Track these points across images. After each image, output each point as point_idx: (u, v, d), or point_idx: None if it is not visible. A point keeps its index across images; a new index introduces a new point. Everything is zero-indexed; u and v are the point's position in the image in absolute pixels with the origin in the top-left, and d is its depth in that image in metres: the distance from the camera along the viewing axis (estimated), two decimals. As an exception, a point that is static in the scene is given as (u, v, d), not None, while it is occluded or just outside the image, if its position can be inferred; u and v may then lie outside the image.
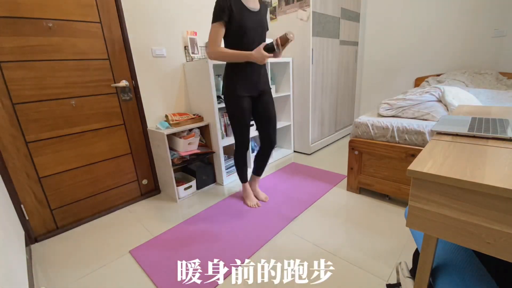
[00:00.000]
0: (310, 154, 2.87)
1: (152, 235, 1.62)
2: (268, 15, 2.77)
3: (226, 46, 1.55)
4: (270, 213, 1.76)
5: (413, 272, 0.96)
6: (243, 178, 1.89)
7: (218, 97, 2.21)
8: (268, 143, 1.78)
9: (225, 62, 1.61)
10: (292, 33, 1.36)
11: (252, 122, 1.79)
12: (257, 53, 1.40)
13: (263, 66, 1.62)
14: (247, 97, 1.62)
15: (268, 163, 1.92)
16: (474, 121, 0.94)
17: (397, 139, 1.66)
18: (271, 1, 2.70)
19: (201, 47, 2.30)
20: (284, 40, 1.37)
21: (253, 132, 2.50)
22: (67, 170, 1.72)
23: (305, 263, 1.30)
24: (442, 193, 0.58)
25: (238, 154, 1.80)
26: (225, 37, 1.52)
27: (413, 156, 1.58)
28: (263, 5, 1.61)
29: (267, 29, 1.67)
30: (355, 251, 1.37)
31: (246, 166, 1.86)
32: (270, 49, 1.39)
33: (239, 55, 1.45)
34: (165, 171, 2.04)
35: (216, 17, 1.43)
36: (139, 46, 1.93)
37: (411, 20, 2.96)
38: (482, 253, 0.61)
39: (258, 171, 1.92)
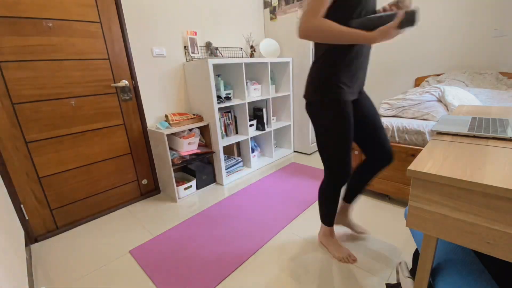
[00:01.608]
0: (310, 154, 2.87)
1: (152, 235, 1.62)
2: (268, 15, 2.77)
3: (333, 18, 0.97)
4: (270, 213, 1.76)
5: (413, 272, 0.96)
6: (330, 219, 1.34)
7: (218, 97, 2.21)
8: (384, 151, 1.22)
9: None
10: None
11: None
12: (381, 33, 0.90)
13: (369, 56, 1.14)
14: (351, 101, 1.13)
15: (268, 163, 1.67)
16: (474, 121, 0.94)
17: (397, 139, 1.66)
18: (271, 1, 2.70)
19: (201, 47, 2.31)
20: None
21: (253, 132, 2.50)
22: (67, 170, 1.72)
23: (305, 263, 1.30)
24: (442, 193, 0.58)
25: (332, 185, 1.23)
26: (333, 13, 0.97)
27: (413, 156, 1.58)
28: None
29: None
30: (355, 251, 1.37)
31: (337, 204, 1.30)
32: (409, 20, 0.86)
33: (353, 34, 0.92)
34: (165, 171, 2.04)
35: None
36: (139, 46, 1.94)
37: (411, 20, 2.95)
38: (482, 253, 0.61)
39: (353, 196, 1.39)
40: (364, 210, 1.74)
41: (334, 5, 0.97)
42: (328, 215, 1.33)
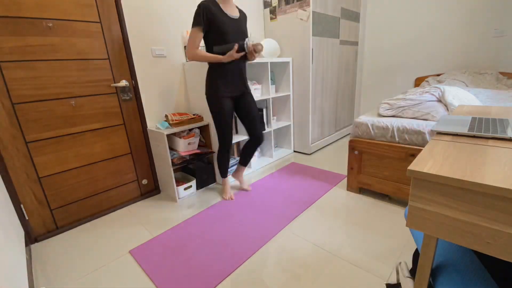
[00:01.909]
0: (310, 154, 2.87)
1: (152, 235, 1.62)
2: (268, 15, 2.77)
3: (208, 48, 1.69)
4: (270, 213, 1.76)
5: (413, 272, 0.96)
6: (224, 173, 2.01)
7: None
8: (256, 140, 1.92)
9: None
10: (261, 45, 1.62)
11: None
12: (227, 57, 1.58)
13: (244, 68, 1.78)
14: (229, 98, 1.75)
15: (268, 163, 1.91)
16: (474, 121, 0.94)
17: (397, 139, 1.66)
18: (271, 1, 2.70)
19: (201, 47, 2.30)
20: (253, 47, 1.61)
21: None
22: (67, 170, 1.72)
23: (305, 263, 1.30)
24: (442, 193, 0.58)
25: (221, 153, 1.91)
26: (207, 41, 1.66)
27: (413, 156, 1.58)
28: (242, 14, 1.76)
29: (247, 36, 1.79)
30: (355, 251, 1.37)
31: (228, 163, 1.99)
32: (241, 48, 1.58)
33: (213, 58, 1.61)
34: (165, 171, 2.04)
35: (195, 22, 1.57)
36: (139, 46, 1.93)
37: (411, 20, 2.96)
38: (482, 253, 0.61)
39: (245, 162, 2.04)
40: (364, 210, 1.74)
41: (209, 39, 1.64)
42: (222, 171, 1.99)
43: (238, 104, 1.85)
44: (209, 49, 1.68)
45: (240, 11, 1.75)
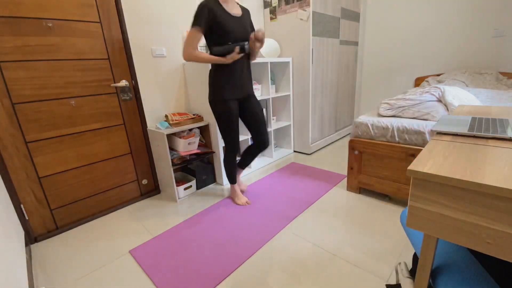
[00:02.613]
0: (310, 154, 2.87)
1: (152, 235, 1.62)
2: (268, 15, 2.77)
3: (210, 45, 1.60)
4: (270, 213, 1.76)
5: (413, 273, 0.96)
6: (233, 179, 1.92)
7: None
8: (261, 144, 1.83)
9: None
10: (261, 31, 1.55)
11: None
12: (227, 59, 1.51)
13: (248, 69, 1.70)
14: (234, 100, 1.67)
15: (268, 163, 1.91)
16: (474, 121, 0.94)
17: (397, 139, 1.66)
18: (271, 1, 2.70)
19: (201, 47, 2.30)
20: (254, 36, 1.56)
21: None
22: (67, 170, 1.72)
23: (305, 263, 1.30)
24: (442, 193, 0.58)
25: (228, 157, 1.82)
26: (210, 41, 1.58)
27: (413, 156, 1.58)
28: (246, 11, 1.68)
29: (253, 31, 1.71)
30: (355, 251, 1.37)
31: (236, 168, 1.90)
32: (241, 50, 1.52)
33: (211, 59, 1.53)
34: (165, 171, 2.04)
35: (195, 22, 1.48)
36: (139, 46, 1.93)
37: (411, 20, 2.96)
38: (481, 254, 0.61)
39: (244, 164, 1.97)
40: (364, 210, 1.74)
41: (212, 39, 1.55)
42: (231, 177, 1.90)
43: (243, 107, 1.76)
44: (211, 50, 1.60)
45: (243, 9, 1.68)
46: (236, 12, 1.61)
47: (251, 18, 1.74)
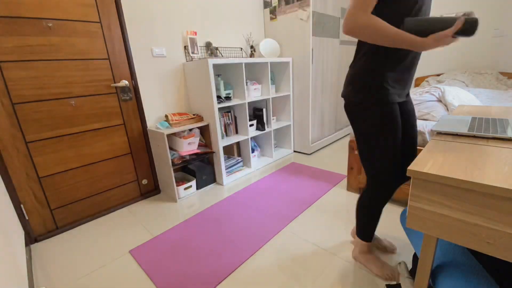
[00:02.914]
0: (310, 154, 2.87)
1: (152, 235, 1.62)
2: (268, 15, 2.77)
3: (386, 19, 0.86)
4: (270, 213, 1.76)
5: (412, 273, 0.96)
6: (369, 233, 1.21)
7: (218, 97, 2.21)
8: (400, 176, 1.07)
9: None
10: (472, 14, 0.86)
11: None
12: (434, 41, 0.80)
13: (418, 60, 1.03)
14: (397, 105, 1.01)
15: (268, 163, 1.76)
16: (474, 121, 0.94)
17: (397, 139, 1.66)
18: (271, 1, 2.70)
19: (201, 47, 2.31)
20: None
21: (253, 132, 2.50)
22: (67, 170, 1.72)
23: (305, 263, 1.30)
24: (442, 193, 0.58)
25: (377, 195, 1.11)
26: (386, 6, 0.88)
27: (413, 156, 1.58)
28: None
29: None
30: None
31: (378, 219, 1.17)
32: (469, 28, 0.77)
33: (407, 40, 0.83)
34: (165, 171, 2.04)
35: None
36: (139, 46, 1.93)
37: (411, 20, 2.96)
38: (482, 254, 0.61)
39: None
40: (364, 210, 1.73)
41: (391, 9, 0.87)
42: (369, 229, 1.19)
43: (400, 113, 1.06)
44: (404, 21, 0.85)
45: None
46: None
47: None
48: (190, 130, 2.11)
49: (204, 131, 2.24)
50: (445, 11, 2.72)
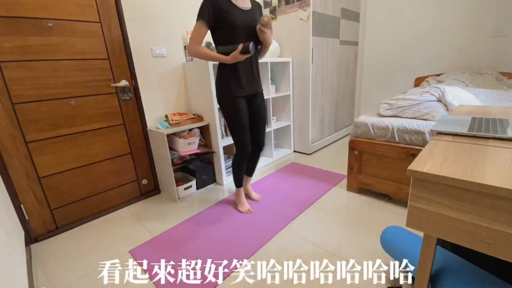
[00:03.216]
0: (310, 154, 2.86)
1: (152, 235, 1.62)
2: (268, 15, 2.77)
3: (217, 43, 1.52)
4: (270, 213, 1.76)
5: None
6: (239, 183, 1.83)
7: (218, 97, 2.21)
8: (257, 144, 1.76)
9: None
10: (267, 16, 1.44)
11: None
12: (231, 58, 1.42)
13: (256, 66, 1.61)
14: (242, 98, 1.59)
15: (268, 163, 1.89)
16: (474, 121, 0.94)
17: (397, 139, 1.66)
18: (271, 1, 2.70)
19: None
20: (259, 25, 1.45)
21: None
22: (67, 170, 1.72)
23: (305, 263, 1.30)
24: (442, 193, 0.58)
25: (238, 160, 1.72)
26: (216, 37, 1.50)
27: (413, 156, 1.57)
28: (255, 4, 1.56)
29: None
30: (355, 251, 1.37)
31: (243, 171, 1.81)
32: (245, 50, 1.37)
33: (216, 58, 1.46)
34: (165, 171, 2.04)
35: (199, 16, 1.41)
36: (139, 46, 1.93)
37: (411, 20, 2.96)
38: (481, 254, 0.61)
39: (249, 171, 1.91)
40: (364, 210, 1.74)
41: (218, 33, 1.48)
42: (237, 180, 1.81)
43: (249, 106, 1.65)
44: (217, 43, 1.52)
45: (253, 2, 1.54)
46: (245, 5, 1.49)
47: (262, 12, 1.62)
48: (190, 130, 2.11)
49: (204, 131, 2.24)
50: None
